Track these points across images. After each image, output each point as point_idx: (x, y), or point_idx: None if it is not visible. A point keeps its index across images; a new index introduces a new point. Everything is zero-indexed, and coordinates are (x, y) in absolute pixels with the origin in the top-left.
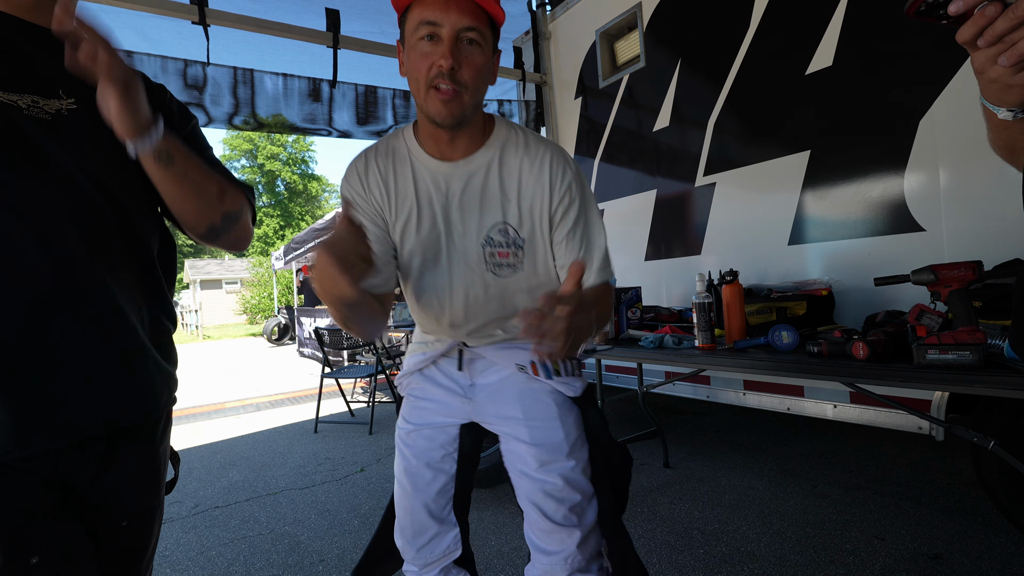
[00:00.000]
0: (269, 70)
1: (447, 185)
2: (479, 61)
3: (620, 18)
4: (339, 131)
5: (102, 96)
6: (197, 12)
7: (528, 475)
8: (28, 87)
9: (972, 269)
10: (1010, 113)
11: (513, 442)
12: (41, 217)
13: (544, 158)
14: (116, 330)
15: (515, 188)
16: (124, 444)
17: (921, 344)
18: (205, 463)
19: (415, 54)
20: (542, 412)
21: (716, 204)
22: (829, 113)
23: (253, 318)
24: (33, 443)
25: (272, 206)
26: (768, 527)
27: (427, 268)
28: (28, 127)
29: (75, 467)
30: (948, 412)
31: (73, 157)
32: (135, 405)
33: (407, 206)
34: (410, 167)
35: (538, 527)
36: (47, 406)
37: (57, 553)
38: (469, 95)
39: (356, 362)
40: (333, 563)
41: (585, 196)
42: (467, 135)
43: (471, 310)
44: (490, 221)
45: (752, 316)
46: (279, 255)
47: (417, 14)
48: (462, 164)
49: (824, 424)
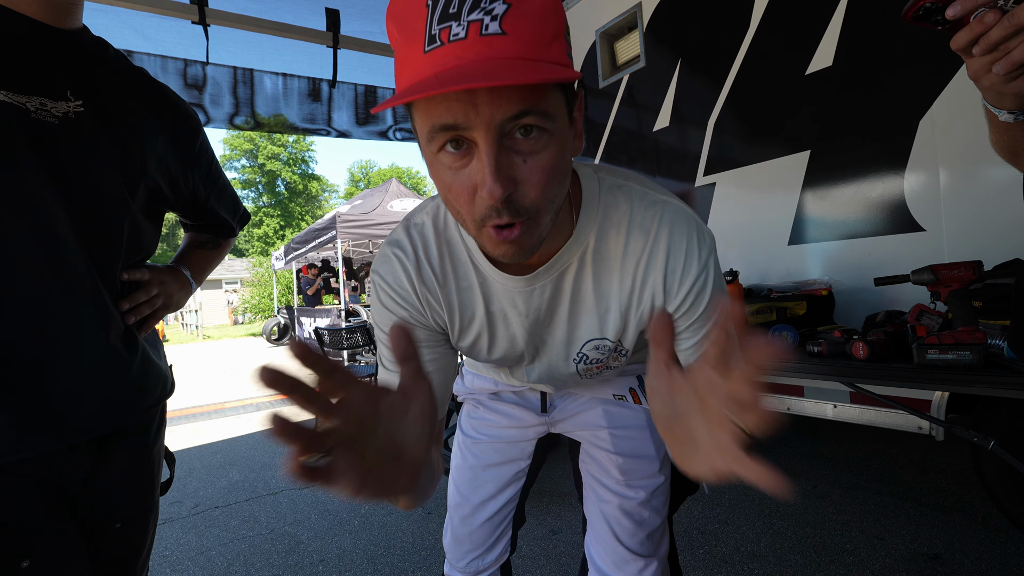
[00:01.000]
0: (269, 70)
1: (527, 304)
2: (549, 159)
3: (620, 18)
4: (338, 131)
5: None
6: (197, 12)
7: (608, 487)
8: (37, 89)
9: (972, 269)
10: (1011, 116)
11: (595, 449)
12: (40, 219)
13: (658, 243)
14: (108, 332)
15: (616, 293)
16: (116, 446)
17: (921, 344)
18: (205, 463)
19: (442, 172)
20: (631, 421)
21: (716, 204)
22: (829, 113)
23: (253, 318)
24: (27, 447)
25: (272, 206)
26: (768, 527)
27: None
28: (35, 130)
29: (68, 469)
30: (948, 412)
31: (76, 161)
32: (128, 406)
33: (475, 327)
34: (475, 275)
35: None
36: (41, 409)
37: (49, 556)
38: (545, 214)
39: (356, 362)
40: (333, 563)
41: (716, 290)
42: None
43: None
44: (584, 336)
45: (752, 316)
46: (279, 255)
47: (424, 115)
48: (543, 273)
49: (824, 424)
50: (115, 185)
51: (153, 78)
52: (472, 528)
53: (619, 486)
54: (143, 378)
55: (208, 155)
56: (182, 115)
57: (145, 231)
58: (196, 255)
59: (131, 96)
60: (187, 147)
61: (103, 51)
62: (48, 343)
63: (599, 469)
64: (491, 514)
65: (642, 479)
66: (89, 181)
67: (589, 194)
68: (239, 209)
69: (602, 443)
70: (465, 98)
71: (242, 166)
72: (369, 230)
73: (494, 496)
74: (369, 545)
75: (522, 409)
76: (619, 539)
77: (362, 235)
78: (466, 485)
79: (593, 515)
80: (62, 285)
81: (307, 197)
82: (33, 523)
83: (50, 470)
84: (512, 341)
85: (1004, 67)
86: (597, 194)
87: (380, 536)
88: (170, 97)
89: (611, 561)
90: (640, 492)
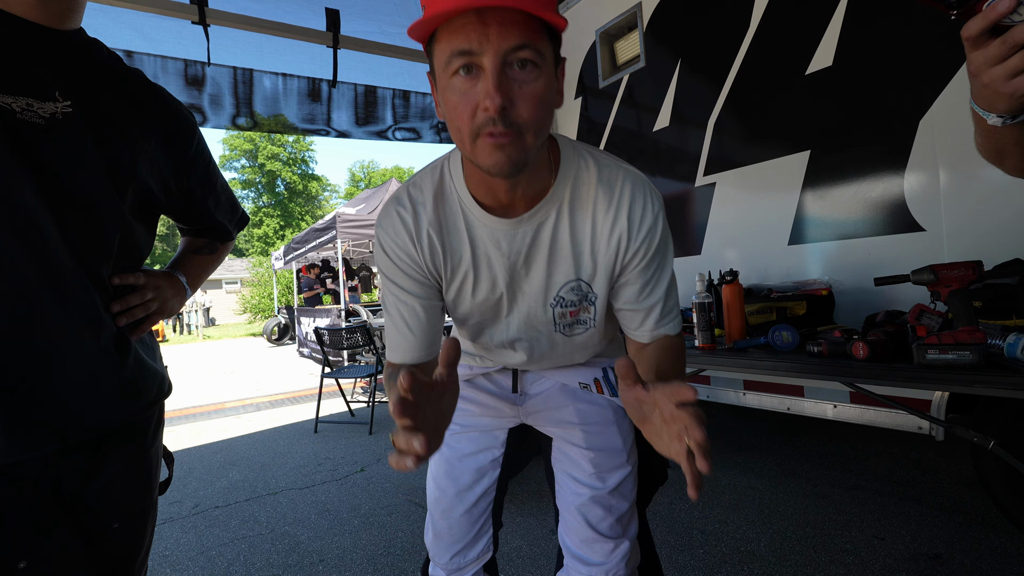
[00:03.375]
0: (269, 70)
1: (509, 246)
2: (539, 89)
3: (620, 18)
4: (338, 131)
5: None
6: (197, 12)
7: (580, 480)
8: (24, 89)
9: (972, 269)
10: (999, 119)
11: (566, 445)
12: (30, 221)
13: (623, 197)
14: (103, 332)
15: (588, 238)
16: (114, 445)
17: (921, 344)
18: (205, 463)
19: (452, 95)
20: (599, 417)
21: (716, 204)
22: (829, 113)
23: (254, 319)
24: (18, 450)
25: (272, 206)
26: (768, 527)
27: (484, 327)
28: (21, 131)
29: (65, 470)
30: (948, 412)
31: (64, 162)
32: (121, 408)
33: (462, 269)
34: (463, 221)
35: (579, 535)
36: (38, 411)
37: (46, 557)
38: (531, 135)
39: (356, 362)
40: (333, 563)
41: (664, 240)
42: (529, 179)
43: (534, 360)
44: (561, 279)
45: (752, 316)
46: (279, 255)
47: (446, 43)
48: (527, 219)
49: (824, 424)
50: (104, 187)
51: (148, 79)
52: (451, 521)
53: (590, 479)
54: (136, 380)
55: (204, 158)
56: (176, 117)
57: (137, 233)
58: (192, 260)
59: (122, 97)
60: (181, 149)
61: (96, 52)
62: (37, 346)
63: (571, 464)
64: (469, 505)
65: (611, 470)
66: (76, 183)
67: (566, 158)
68: (237, 212)
69: (574, 439)
70: (479, 28)
71: (242, 166)
72: (369, 230)
73: (471, 487)
74: (369, 545)
75: (495, 399)
76: (590, 525)
77: (362, 235)
78: (443, 477)
79: (565, 506)
80: (50, 288)
81: (307, 197)
82: (30, 524)
83: (46, 471)
84: (494, 283)
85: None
86: (572, 158)
87: (380, 536)
88: (164, 99)
89: (583, 544)
90: (609, 482)
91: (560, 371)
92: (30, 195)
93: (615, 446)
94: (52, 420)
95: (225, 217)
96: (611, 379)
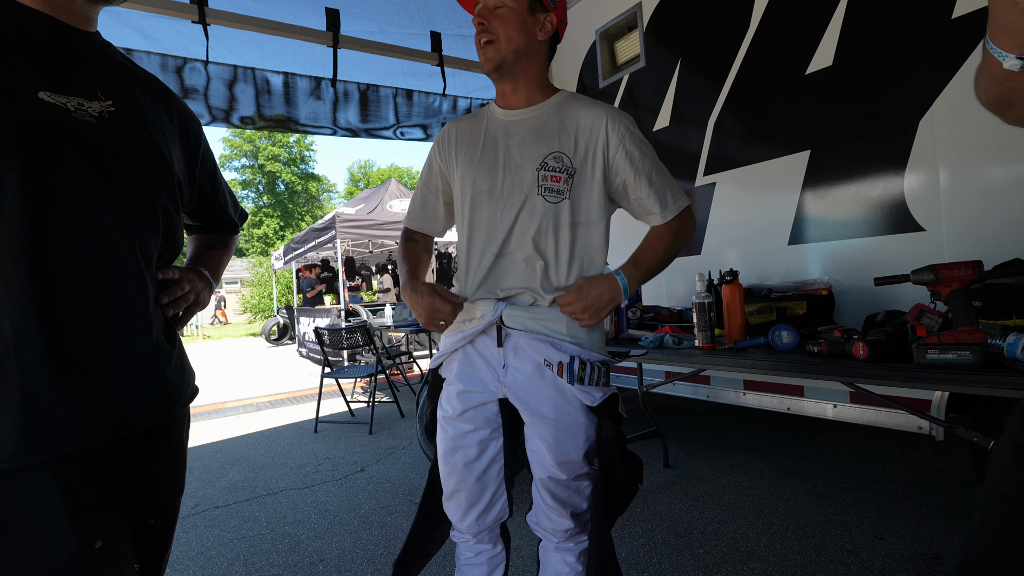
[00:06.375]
0: (269, 69)
1: (511, 127)
2: (505, 13)
3: (620, 18)
4: (340, 130)
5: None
6: (197, 11)
7: (544, 466)
8: (73, 89)
9: (972, 269)
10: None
11: (537, 440)
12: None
13: (602, 109)
14: (152, 325)
15: (573, 125)
16: (160, 438)
17: (921, 344)
18: (205, 463)
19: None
20: (569, 421)
21: (716, 204)
22: (829, 113)
23: (254, 319)
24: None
25: (272, 206)
26: (768, 527)
27: (481, 194)
28: (78, 129)
29: (121, 460)
30: (948, 412)
31: (117, 159)
32: (171, 398)
33: (477, 147)
34: (484, 120)
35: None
36: (106, 402)
37: (113, 539)
38: (503, 42)
39: (356, 362)
40: (333, 563)
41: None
42: (527, 86)
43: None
44: (547, 150)
45: (752, 316)
46: (279, 255)
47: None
48: (527, 110)
49: (824, 424)
50: (150, 182)
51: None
52: (468, 490)
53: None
54: (181, 372)
55: (211, 153)
56: (188, 114)
57: (177, 225)
58: (209, 255)
59: (148, 95)
60: (194, 145)
61: (115, 53)
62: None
63: (539, 454)
64: (479, 473)
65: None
66: (127, 178)
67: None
68: (238, 206)
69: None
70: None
71: (242, 166)
72: (369, 230)
73: (478, 457)
74: (369, 545)
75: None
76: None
77: (362, 235)
78: (455, 455)
79: (534, 489)
80: (114, 280)
81: (307, 197)
82: (101, 507)
83: (107, 460)
84: (495, 150)
85: None
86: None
87: (380, 536)
88: (176, 97)
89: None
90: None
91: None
92: (92, 191)
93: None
94: (118, 410)
95: (232, 211)
96: (574, 369)
